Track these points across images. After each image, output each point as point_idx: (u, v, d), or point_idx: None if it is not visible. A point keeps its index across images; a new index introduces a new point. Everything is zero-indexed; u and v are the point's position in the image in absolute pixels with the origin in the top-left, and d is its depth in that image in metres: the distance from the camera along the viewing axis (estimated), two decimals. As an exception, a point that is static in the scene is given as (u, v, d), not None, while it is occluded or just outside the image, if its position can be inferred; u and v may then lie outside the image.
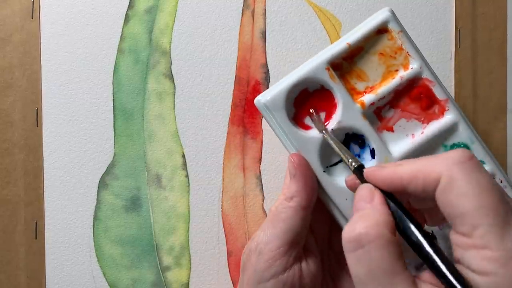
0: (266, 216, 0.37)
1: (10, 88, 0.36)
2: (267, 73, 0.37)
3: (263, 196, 0.37)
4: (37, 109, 0.36)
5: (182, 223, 0.36)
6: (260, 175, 0.37)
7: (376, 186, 0.25)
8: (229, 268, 0.36)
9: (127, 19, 0.36)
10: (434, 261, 0.22)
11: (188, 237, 0.36)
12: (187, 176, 0.36)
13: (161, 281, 0.36)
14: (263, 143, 0.37)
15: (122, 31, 0.36)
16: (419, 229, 0.23)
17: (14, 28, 0.36)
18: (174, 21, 0.36)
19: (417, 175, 0.23)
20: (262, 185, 0.37)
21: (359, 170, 0.27)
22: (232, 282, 0.36)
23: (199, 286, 0.36)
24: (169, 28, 0.36)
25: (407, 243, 0.23)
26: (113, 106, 0.36)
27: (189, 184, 0.36)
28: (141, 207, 0.36)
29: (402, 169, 0.24)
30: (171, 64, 0.36)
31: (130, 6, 0.36)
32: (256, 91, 0.36)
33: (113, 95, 0.36)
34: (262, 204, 0.37)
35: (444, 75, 0.37)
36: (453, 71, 0.37)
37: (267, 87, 0.37)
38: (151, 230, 0.36)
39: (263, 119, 0.37)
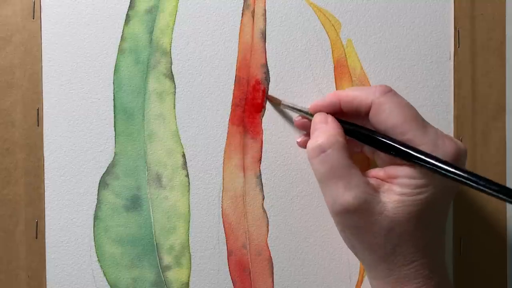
0: (266, 215, 0.37)
1: (11, 88, 0.36)
2: (267, 73, 0.37)
3: (263, 195, 0.37)
4: (38, 109, 0.36)
5: (182, 223, 0.36)
6: (260, 174, 0.37)
7: (321, 111, 0.32)
8: (229, 267, 0.36)
9: (127, 19, 0.36)
10: (383, 141, 0.29)
11: (188, 236, 0.36)
12: (187, 175, 0.36)
13: (162, 280, 0.36)
14: (263, 143, 0.37)
15: (122, 31, 0.36)
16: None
17: (15, 28, 0.36)
18: (174, 21, 0.37)
19: (352, 100, 0.31)
20: (262, 184, 0.37)
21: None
22: (232, 282, 0.36)
23: (199, 286, 0.36)
24: (169, 28, 0.37)
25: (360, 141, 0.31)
26: (114, 106, 0.36)
27: (189, 183, 0.36)
28: (141, 206, 0.36)
29: (342, 93, 0.32)
30: (171, 64, 0.37)
31: (131, 6, 0.36)
32: (256, 91, 0.37)
33: (114, 95, 0.36)
34: (262, 204, 0.37)
35: (443, 76, 0.37)
36: (452, 72, 0.37)
37: (267, 87, 0.37)
38: (151, 229, 0.36)
39: (263, 118, 0.37)
